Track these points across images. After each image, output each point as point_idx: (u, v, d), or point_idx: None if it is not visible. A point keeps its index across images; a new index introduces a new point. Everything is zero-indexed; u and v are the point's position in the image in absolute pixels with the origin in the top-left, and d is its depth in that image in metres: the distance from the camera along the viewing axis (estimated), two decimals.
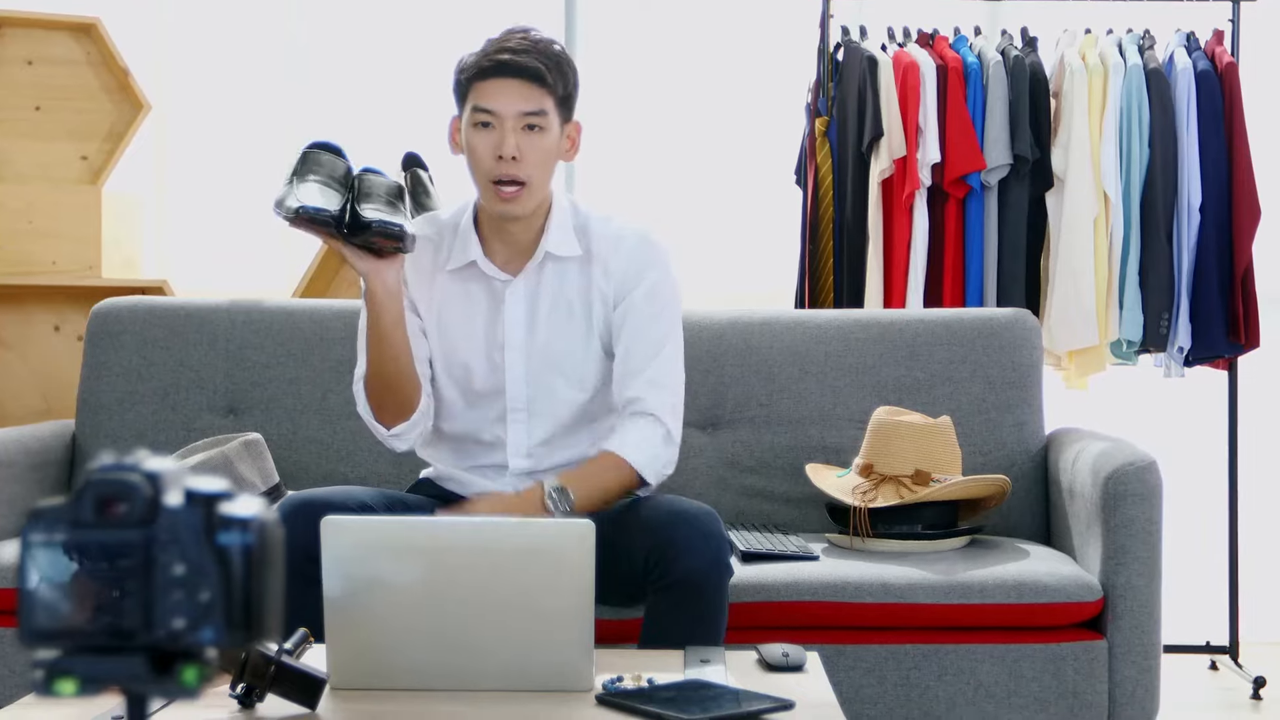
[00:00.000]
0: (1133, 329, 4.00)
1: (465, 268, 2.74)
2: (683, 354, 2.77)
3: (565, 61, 2.65)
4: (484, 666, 2.00)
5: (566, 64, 2.66)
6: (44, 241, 4.08)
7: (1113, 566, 2.84)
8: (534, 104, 2.61)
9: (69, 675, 0.96)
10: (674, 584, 2.45)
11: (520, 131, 2.61)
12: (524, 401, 2.73)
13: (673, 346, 2.72)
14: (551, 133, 2.64)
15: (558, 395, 2.73)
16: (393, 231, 2.54)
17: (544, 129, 2.62)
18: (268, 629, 0.99)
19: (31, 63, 4.16)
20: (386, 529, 2.08)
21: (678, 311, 2.76)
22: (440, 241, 2.77)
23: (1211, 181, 4.01)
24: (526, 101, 2.61)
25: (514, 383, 2.73)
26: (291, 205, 2.54)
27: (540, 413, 2.73)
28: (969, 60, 4.04)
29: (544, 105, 2.62)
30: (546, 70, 2.61)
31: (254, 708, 1.91)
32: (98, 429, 3.36)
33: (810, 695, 2.02)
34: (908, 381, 3.36)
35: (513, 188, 2.61)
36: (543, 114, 2.62)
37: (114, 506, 0.97)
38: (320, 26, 4.64)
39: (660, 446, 2.66)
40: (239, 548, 0.97)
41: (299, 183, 2.59)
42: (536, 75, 2.60)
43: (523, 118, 2.61)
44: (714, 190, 4.61)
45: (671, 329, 2.73)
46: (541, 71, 2.60)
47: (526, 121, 2.61)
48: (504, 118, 2.60)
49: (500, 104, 2.61)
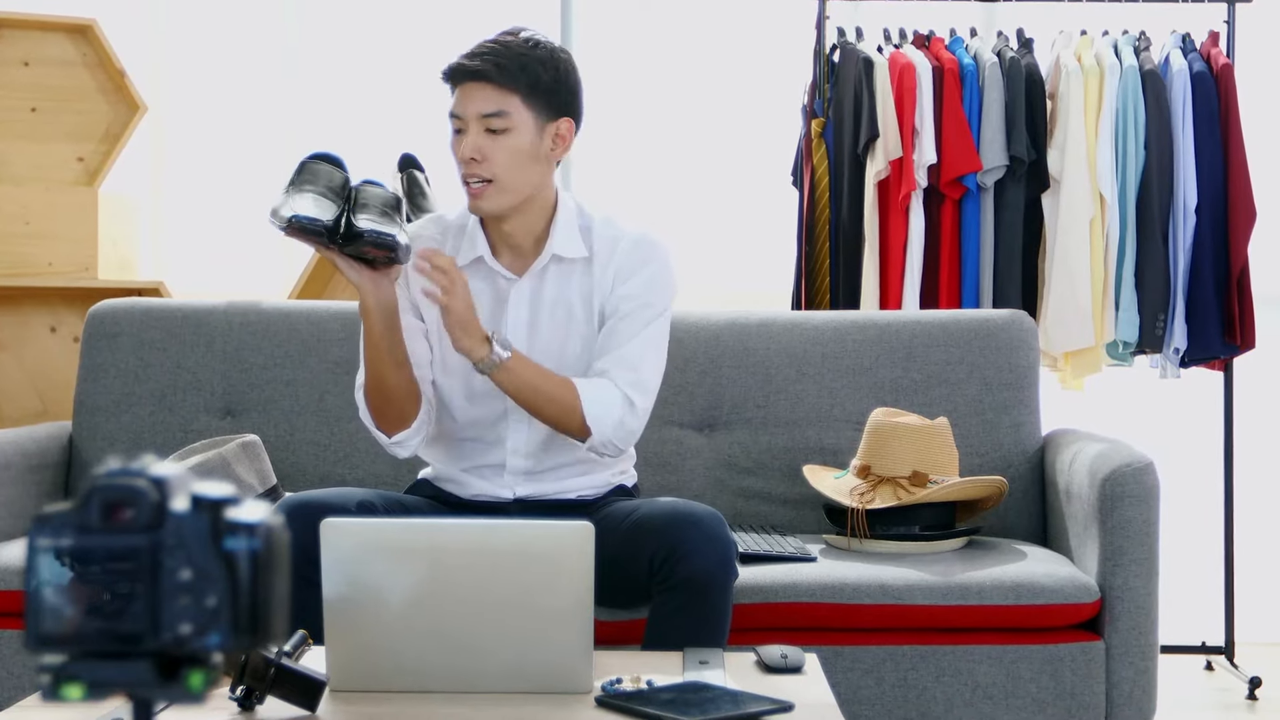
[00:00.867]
0: (1129, 330, 4.01)
1: (471, 264, 2.75)
2: (664, 346, 2.76)
3: (537, 59, 2.64)
4: (483, 668, 2.01)
5: (538, 61, 2.64)
6: (40, 243, 4.08)
7: (1110, 568, 2.84)
8: (491, 105, 2.62)
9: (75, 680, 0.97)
10: (680, 585, 2.45)
11: (482, 134, 2.63)
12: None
13: (653, 333, 2.72)
14: (520, 133, 2.64)
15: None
16: (385, 241, 2.54)
17: (509, 129, 2.63)
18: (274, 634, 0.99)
19: (28, 64, 4.16)
20: (386, 531, 2.08)
21: (665, 304, 2.75)
22: (445, 241, 2.78)
23: (1207, 183, 4.02)
24: (484, 103, 2.63)
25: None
26: (285, 214, 2.55)
27: None
28: (965, 62, 4.04)
29: (503, 105, 2.62)
30: (499, 70, 2.61)
31: (254, 710, 1.91)
32: (95, 431, 3.36)
33: (809, 697, 2.02)
34: (905, 383, 3.36)
35: (480, 184, 2.63)
36: (502, 114, 2.62)
37: (120, 512, 0.97)
38: (316, 28, 4.64)
39: (616, 407, 2.65)
40: (245, 553, 0.97)
41: (294, 193, 2.59)
42: (487, 76, 2.62)
43: (483, 120, 2.63)
44: (711, 191, 4.62)
45: (655, 319, 2.73)
46: (491, 72, 2.61)
47: (487, 124, 2.63)
48: (468, 120, 2.64)
49: (462, 108, 2.65)
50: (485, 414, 2.76)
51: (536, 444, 2.76)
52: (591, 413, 2.64)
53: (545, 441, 2.75)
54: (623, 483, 2.86)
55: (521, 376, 2.61)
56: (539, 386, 2.62)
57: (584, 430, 2.65)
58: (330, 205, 2.58)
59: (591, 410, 2.64)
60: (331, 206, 2.58)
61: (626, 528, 2.57)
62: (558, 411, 2.64)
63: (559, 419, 2.65)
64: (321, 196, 2.58)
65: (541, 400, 2.63)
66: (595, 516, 2.55)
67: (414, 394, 2.69)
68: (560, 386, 2.64)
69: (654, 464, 3.28)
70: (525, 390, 2.62)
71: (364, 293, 2.60)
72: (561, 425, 2.66)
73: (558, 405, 2.63)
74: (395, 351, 2.64)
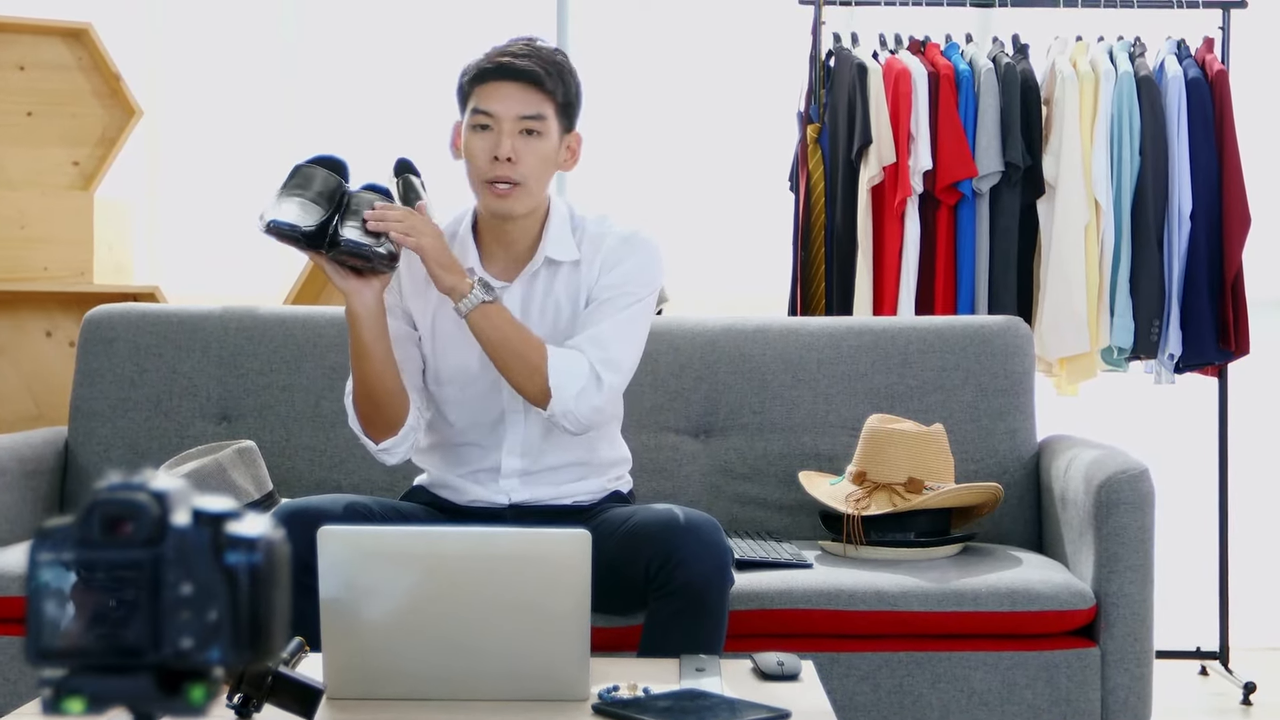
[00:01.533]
0: (1124, 336, 4.01)
1: None
2: (642, 332, 2.74)
3: (567, 70, 2.67)
4: (480, 675, 2.01)
5: (568, 72, 2.67)
6: (36, 247, 4.07)
7: (1105, 574, 2.84)
8: (532, 108, 2.62)
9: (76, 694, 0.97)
10: (676, 592, 2.45)
11: (517, 135, 2.62)
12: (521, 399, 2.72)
13: (630, 316, 2.70)
14: (550, 139, 2.65)
15: None
16: (363, 252, 2.52)
17: (542, 134, 2.63)
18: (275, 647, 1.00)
19: (23, 68, 4.16)
20: (383, 538, 2.08)
21: (646, 293, 2.73)
22: None
23: (1202, 189, 4.02)
24: (525, 105, 2.62)
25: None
26: (265, 219, 2.55)
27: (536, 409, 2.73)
28: (960, 67, 4.05)
29: (542, 110, 2.63)
30: (546, 75, 2.62)
31: (251, 718, 1.91)
32: (90, 436, 3.36)
33: (805, 704, 2.02)
34: (900, 389, 3.36)
35: (506, 185, 2.62)
36: (541, 118, 2.63)
37: (121, 526, 0.98)
38: (313, 32, 4.64)
39: (581, 378, 2.62)
40: (246, 567, 0.97)
41: (281, 197, 2.58)
42: (535, 79, 2.62)
43: (520, 121, 2.62)
44: (708, 196, 4.62)
45: (634, 304, 2.71)
46: (540, 75, 2.62)
47: (524, 125, 2.62)
48: (502, 120, 2.62)
49: (498, 106, 2.62)
50: (481, 419, 2.76)
51: (533, 442, 2.75)
52: (555, 380, 2.61)
53: (541, 441, 2.75)
54: (619, 489, 2.86)
55: (496, 324, 2.59)
56: (510, 338, 2.60)
57: (544, 393, 2.62)
58: (316, 210, 2.55)
59: (556, 377, 2.61)
60: (317, 212, 2.55)
61: (622, 534, 2.57)
62: (522, 369, 2.61)
63: (522, 377, 2.62)
64: (308, 202, 2.56)
65: (509, 354, 2.60)
66: (591, 523, 2.55)
67: (402, 401, 2.69)
68: (531, 346, 2.62)
69: (650, 470, 3.28)
70: (496, 338, 2.59)
71: (349, 299, 2.60)
72: (524, 385, 2.63)
73: (524, 362, 2.61)
74: (383, 358, 2.63)
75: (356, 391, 2.69)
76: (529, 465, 2.76)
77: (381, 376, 2.64)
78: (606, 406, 2.69)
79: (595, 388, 2.64)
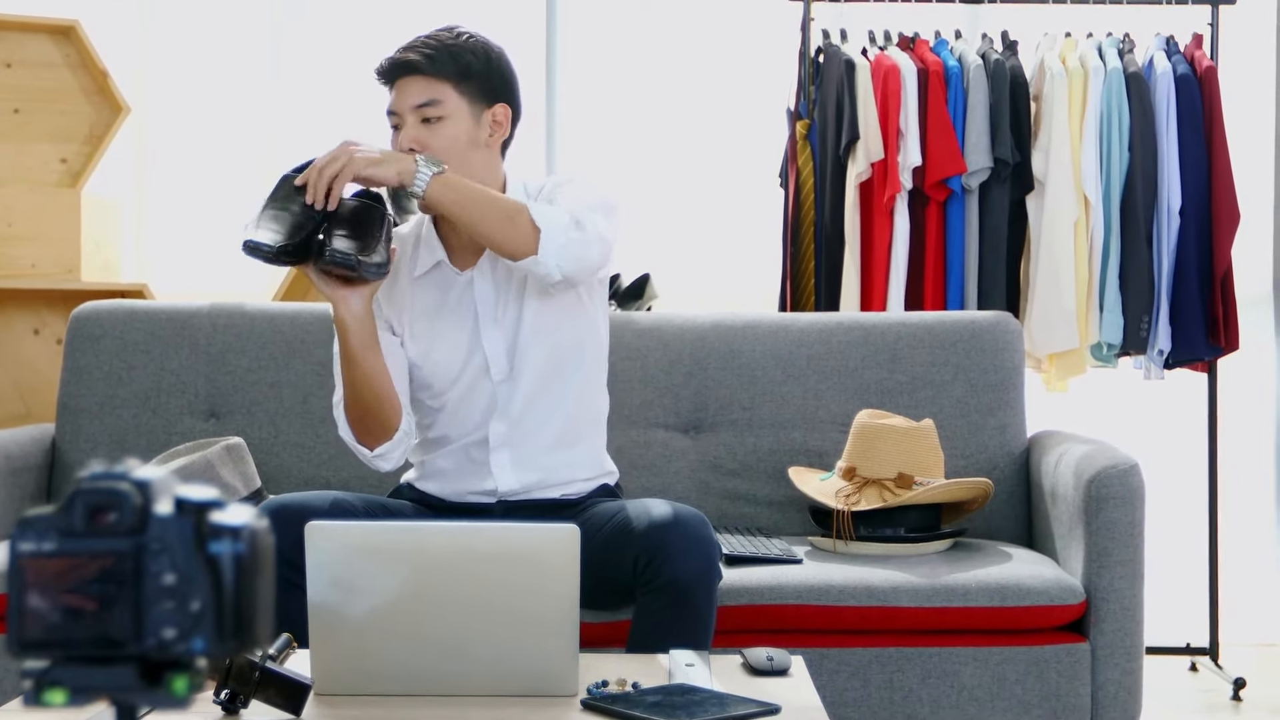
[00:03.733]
0: (1113, 332, 4.01)
1: (431, 270, 2.75)
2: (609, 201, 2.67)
3: (466, 49, 2.66)
4: (469, 671, 2.00)
5: (468, 50, 2.66)
6: (23, 244, 4.06)
7: (1095, 569, 2.84)
8: (424, 95, 2.65)
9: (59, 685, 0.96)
10: (664, 587, 2.44)
11: (420, 125, 2.64)
12: (505, 362, 2.71)
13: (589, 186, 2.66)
14: (456, 120, 2.65)
15: (532, 348, 2.71)
16: (347, 263, 2.48)
17: (444, 117, 2.65)
18: (259, 638, 0.99)
19: (10, 65, 4.14)
20: (371, 534, 2.07)
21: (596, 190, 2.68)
22: (403, 255, 2.77)
23: (1191, 185, 4.02)
24: (417, 94, 2.65)
25: (492, 344, 2.71)
26: (242, 237, 2.51)
27: (521, 368, 2.71)
28: (949, 64, 4.05)
29: (435, 95, 2.64)
30: (430, 60, 2.64)
31: (238, 714, 1.90)
32: (78, 433, 3.35)
33: (795, 699, 2.02)
34: (890, 385, 3.36)
35: None
36: (436, 103, 2.64)
37: (104, 515, 0.97)
38: (300, 29, 4.63)
39: (562, 219, 2.55)
40: (230, 556, 0.96)
41: (263, 213, 2.53)
42: (416, 67, 2.65)
43: (416, 111, 2.65)
44: (698, 192, 4.61)
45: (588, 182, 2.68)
46: (422, 63, 2.64)
47: (422, 114, 2.65)
48: (404, 115, 2.66)
49: (398, 102, 2.68)
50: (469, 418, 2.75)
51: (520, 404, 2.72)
52: (540, 221, 2.54)
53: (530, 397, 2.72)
54: (605, 481, 2.85)
55: (457, 185, 2.55)
56: (478, 194, 2.55)
57: (532, 231, 2.53)
58: (293, 222, 2.52)
59: (540, 218, 2.54)
60: (295, 224, 2.52)
61: (610, 529, 2.56)
62: (501, 216, 2.54)
63: (505, 224, 2.53)
64: (285, 214, 2.53)
65: (484, 207, 2.54)
66: (579, 518, 2.55)
67: (394, 405, 2.67)
68: (504, 198, 2.58)
69: (639, 466, 3.28)
70: (464, 198, 2.53)
71: (335, 307, 2.57)
72: (509, 232, 2.54)
73: (501, 209, 2.54)
74: (374, 363, 2.62)
75: (347, 399, 2.66)
76: (512, 430, 2.72)
77: (372, 382, 2.62)
78: (587, 259, 2.59)
79: (578, 233, 2.56)
